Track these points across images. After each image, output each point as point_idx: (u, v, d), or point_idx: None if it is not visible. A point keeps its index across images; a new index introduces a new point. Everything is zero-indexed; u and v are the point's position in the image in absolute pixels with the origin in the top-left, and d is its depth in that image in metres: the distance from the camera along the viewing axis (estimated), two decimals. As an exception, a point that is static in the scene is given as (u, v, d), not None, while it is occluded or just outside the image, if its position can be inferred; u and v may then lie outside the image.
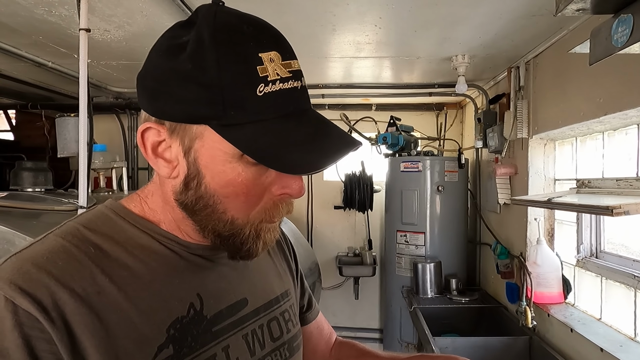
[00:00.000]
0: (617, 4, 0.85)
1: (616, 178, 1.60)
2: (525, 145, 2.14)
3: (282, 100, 0.50)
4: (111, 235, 0.55)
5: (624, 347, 1.47)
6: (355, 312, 3.60)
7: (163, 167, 0.55)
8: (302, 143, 0.50)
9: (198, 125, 0.51)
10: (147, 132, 0.54)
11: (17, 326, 0.44)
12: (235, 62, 0.49)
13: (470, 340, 2.05)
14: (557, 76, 1.86)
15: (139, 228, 0.57)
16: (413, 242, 2.81)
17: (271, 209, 0.56)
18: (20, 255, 0.51)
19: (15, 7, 1.61)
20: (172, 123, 0.52)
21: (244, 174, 0.52)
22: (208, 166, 0.52)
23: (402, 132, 2.91)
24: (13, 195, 1.87)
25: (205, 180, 0.53)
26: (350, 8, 1.63)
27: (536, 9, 1.58)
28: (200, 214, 0.54)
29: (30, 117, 3.58)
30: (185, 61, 0.49)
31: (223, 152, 0.51)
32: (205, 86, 0.49)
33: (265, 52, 0.50)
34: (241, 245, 0.56)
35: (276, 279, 0.73)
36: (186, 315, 0.55)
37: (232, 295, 0.62)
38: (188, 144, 0.52)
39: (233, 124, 0.49)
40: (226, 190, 0.53)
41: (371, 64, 2.40)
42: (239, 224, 0.55)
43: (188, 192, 0.54)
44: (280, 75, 0.50)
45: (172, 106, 0.51)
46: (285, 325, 0.69)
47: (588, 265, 1.84)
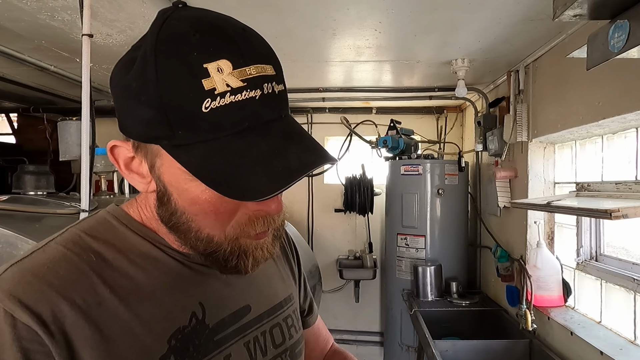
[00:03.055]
0: (613, 10, 0.86)
1: (615, 181, 1.61)
2: (525, 148, 2.15)
3: (233, 114, 0.45)
4: (113, 243, 0.54)
5: (624, 350, 1.47)
6: (356, 315, 3.60)
7: (138, 182, 0.54)
8: (253, 165, 0.46)
9: (153, 145, 0.49)
10: (115, 149, 0.53)
11: (16, 340, 0.44)
12: (176, 77, 0.45)
13: (470, 344, 2.05)
14: (556, 80, 1.86)
15: (140, 236, 0.56)
16: (413, 245, 2.81)
17: (246, 225, 0.53)
18: (20, 265, 0.49)
19: (19, 13, 1.63)
20: (134, 141, 0.51)
21: (208, 192, 0.48)
22: (172, 184, 0.51)
23: (402, 136, 2.92)
24: (15, 198, 1.88)
25: (173, 197, 0.51)
26: (350, 13, 1.64)
27: (535, 13, 1.59)
28: (178, 230, 0.53)
29: (32, 120, 3.60)
30: (132, 79, 0.47)
31: (182, 171, 0.48)
32: (150, 105, 0.46)
33: (212, 62, 0.45)
34: (224, 262, 0.54)
35: (280, 284, 0.72)
36: (188, 325, 0.54)
37: (235, 303, 0.61)
38: (151, 162, 0.51)
39: (183, 144, 0.46)
40: (194, 209, 0.51)
41: (371, 68, 2.42)
42: (216, 241, 0.52)
43: (163, 208, 0.53)
44: (231, 86, 0.45)
45: (130, 124, 0.50)
46: (287, 331, 0.68)
47: (588, 269, 1.85)
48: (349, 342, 3.60)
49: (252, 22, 0.57)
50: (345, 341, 3.60)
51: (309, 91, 2.90)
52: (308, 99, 3.12)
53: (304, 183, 3.61)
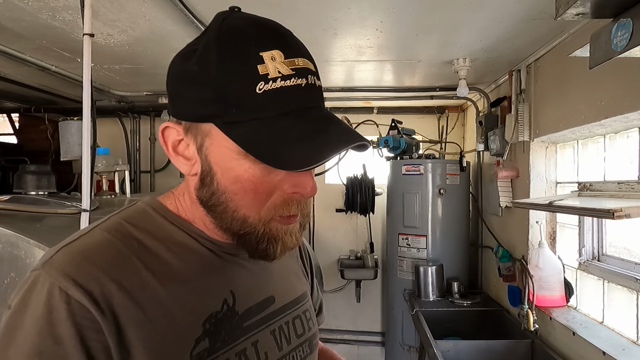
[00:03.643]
0: (616, 9, 0.85)
1: (618, 181, 1.60)
2: (526, 148, 2.15)
3: (282, 97, 0.51)
4: (151, 232, 0.58)
5: (626, 350, 1.46)
6: (357, 315, 3.60)
7: (183, 164, 0.58)
8: (297, 140, 0.51)
9: (206, 123, 0.53)
10: (166, 130, 0.58)
11: (71, 316, 0.47)
12: (235, 62, 0.51)
13: (472, 344, 2.04)
14: (558, 79, 1.86)
15: (176, 226, 0.60)
16: (415, 245, 2.81)
17: (281, 206, 0.56)
18: (70, 248, 0.53)
19: (20, 12, 1.63)
20: (186, 122, 0.56)
21: (251, 170, 0.53)
22: (218, 163, 0.54)
23: (403, 135, 2.91)
24: (16, 198, 1.88)
25: (217, 177, 0.55)
26: (351, 12, 1.64)
27: (537, 13, 1.59)
28: (216, 210, 0.56)
29: (33, 120, 3.60)
30: (193, 64, 0.53)
31: (229, 150, 0.53)
32: (208, 86, 0.51)
33: (267, 51, 0.51)
34: (257, 244, 0.57)
35: (297, 281, 0.76)
36: (220, 311, 0.58)
37: (261, 293, 0.65)
38: (200, 142, 0.55)
39: (235, 122, 0.51)
40: (235, 187, 0.54)
41: (373, 67, 2.41)
42: (251, 222, 0.56)
43: (204, 189, 0.56)
44: (281, 72, 0.51)
45: (184, 106, 0.55)
46: (307, 324, 0.72)
47: (590, 269, 1.84)
48: (350, 342, 3.59)
49: (253, 21, 0.57)
50: (346, 341, 3.60)
51: (310, 91, 2.89)
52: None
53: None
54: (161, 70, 2.49)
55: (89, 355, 0.47)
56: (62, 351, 0.46)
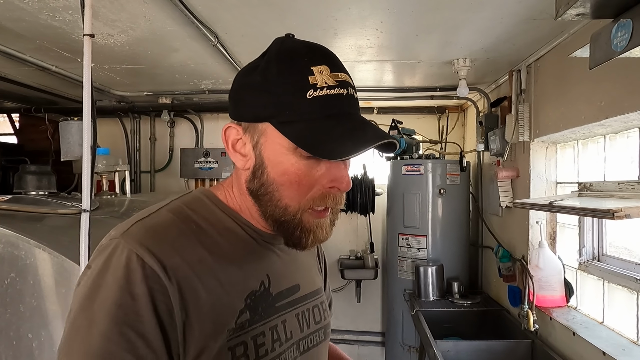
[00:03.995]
0: (616, 9, 0.85)
1: (618, 181, 1.60)
2: (527, 148, 2.15)
3: (327, 103, 0.62)
4: (206, 217, 0.68)
5: (626, 350, 1.47)
6: (357, 315, 3.60)
7: (239, 159, 0.68)
8: (339, 136, 0.60)
9: (263, 123, 0.64)
10: (228, 130, 0.68)
11: (145, 278, 0.57)
12: (291, 73, 0.62)
13: (472, 344, 2.04)
14: (558, 79, 1.86)
15: (225, 214, 0.70)
16: (415, 245, 2.81)
17: (319, 198, 0.64)
18: (144, 223, 0.63)
19: (20, 13, 1.63)
20: (245, 123, 0.66)
21: (297, 164, 0.63)
22: (270, 157, 0.64)
23: (403, 135, 2.91)
24: (17, 198, 1.88)
25: (267, 170, 0.64)
26: (352, 12, 1.64)
27: (537, 13, 1.59)
28: (263, 199, 0.66)
29: (34, 120, 3.61)
30: (256, 75, 0.64)
31: (281, 146, 0.63)
32: (268, 92, 0.62)
33: (316, 66, 0.62)
34: (293, 231, 0.66)
35: (316, 276, 0.86)
36: (258, 290, 0.67)
37: (290, 280, 0.74)
38: (256, 140, 0.65)
39: (288, 122, 0.62)
40: (282, 179, 0.63)
41: (373, 67, 2.41)
42: (290, 211, 0.64)
43: (255, 180, 0.66)
44: (327, 83, 0.62)
45: (246, 109, 0.66)
46: (323, 313, 0.81)
47: (590, 269, 1.84)
48: (351, 342, 3.59)
49: (253, 21, 0.58)
50: (346, 341, 3.60)
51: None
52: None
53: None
54: (161, 71, 2.49)
55: (156, 313, 0.56)
56: (136, 306, 0.55)
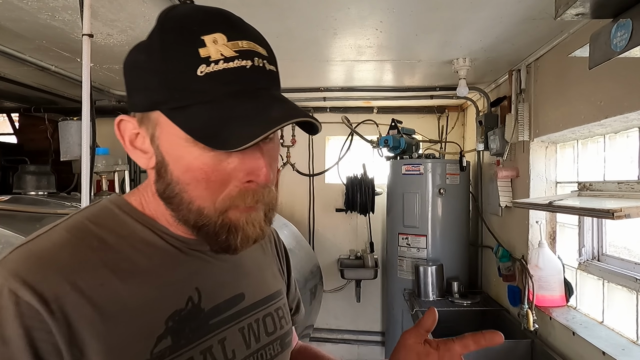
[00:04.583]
0: (616, 9, 0.85)
1: (617, 181, 1.60)
2: (526, 148, 2.14)
3: (225, 79, 0.50)
4: (115, 229, 0.57)
5: (626, 350, 1.46)
6: (357, 315, 3.60)
7: (140, 157, 0.57)
8: (241, 118, 0.50)
9: (154, 112, 0.53)
10: (121, 124, 0.57)
11: (19, 317, 0.47)
12: (177, 47, 0.51)
13: (472, 344, 2.04)
14: (558, 79, 1.86)
15: (141, 223, 0.59)
16: (415, 244, 2.81)
17: (237, 197, 0.54)
18: (26, 247, 0.53)
19: (20, 13, 1.63)
20: (139, 114, 0.55)
21: (201, 158, 0.52)
22: (169, 152, 0.54)
23: (403, 135, 2.91)
24: (16, 198, 1.88)
25: (170, 167, 0.54)
26: (351, 12, 1.63)
27: (536, 12, 1.59)
28: (173, 202, 0.55)
29: (33, 120, 3.60)
30: (140, 53, 0.54)
31: (177, 137, 0.52)
32: (153, 72, 0.52)
33: (208, 35, 0.51)
34: (215, 236, 0.55)
35: (271, 278, 0.75)
36: (184, 308, 0.57)
37: (230, 290, 0.64)
38: (151, 132, 0.55)
39: (179, 107, 0.51)
40: (187, 177, 0.53)
41: (372, 67, 2.41)
42: (207, 214, 0.54)
43: (160, 180, 0.56)
44: (224, 55, 0.50)
45: (135, 97, 0.55)
46: (279, 322, 0.70)
47: (590, 269, 1.84)
48: (350, 342, 3.59)
49: (253, 21, 0.57)
50: (346, 341, 3.60)
51: (310, 91, 2.90)
52: (309, 98, 3.12)
53: (305, 183, 3.61)
54: (161, 70, 2.48)
55: (37, 356, 0.47)
56: (9, 352, 0.46)
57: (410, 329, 0.73)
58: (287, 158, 3.56)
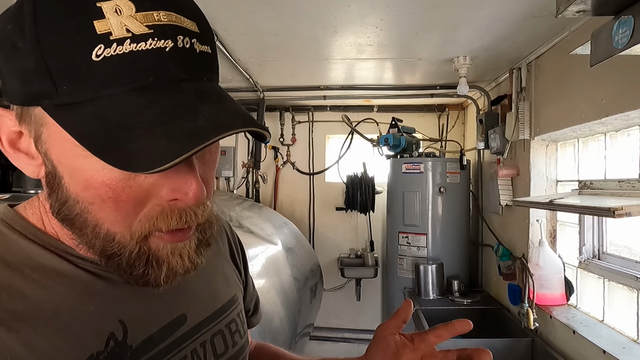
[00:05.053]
0: (617, 6, 0.85)
1: (618, 179, 1.60)
2: (527, 146, 2.14)
3: (133, 66, 0.36)
4: (2, 256, 0.42)
5: (626, 349, 1.46)
6: (357, 313, 3.60)
7: (25, 164, 0.43)
8: (153, 125, 0.36)
9: (35, 107, 0.39)
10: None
11: None
12: (58, 16, 0.36)
13: (472, 342, 2.04)
14: (558, 77, 1.85)
15: (39, 245, 0.44)
16: (415, 243, 2.81)
17: (158, 218, 0.41)
18: None
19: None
20: (17, 107, 0.41)
21: (107, 171, 0.38)
22: (62, 162, 0.40)
23: (403, 134, 2.91)
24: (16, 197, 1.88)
25: (64, 181, 0.40)
26: (351, 10, 1.63)
27: (537, 10, 1.58)
28: (73, 225, 0.42)
29: (33, 119, 3.59)
30: (8, 21, 0.38)
31: (72, 144, 0.37)
32: (26, 51, 0.36)
33: (108, 0, 0.36)
34: (130, 269, 0.42)
35: (222, 285, 0.63)
36: (103, 350, 0.43)
37: (166, 314, 0.51)
38: (35, 133, 0.41)
39: (68, 104, 0.37)
40: (88, 194, 0.39)
41: (372, 65, 2.41)
42: (118, 240, 0.41)
43: (53, 196, 0.42)
44: (132, 31, 0.36)
45: (7, 83, 0.40)
46: (231, 338, 0.59)
47: (590, 267, 1.84)
48: (350, 341, 3.59)
49: (253, 19, 0.56)
50: (346, 339, 3.60)
51: (310, 89, 2.90)
52: (309, 97, 3.12)
53: (305, 182, 3.61)
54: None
55: None
56: None
57: (387, 321, 0.68)
58: (287, 157, 3.56)
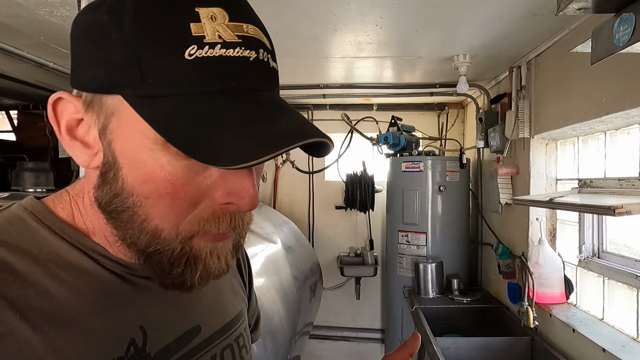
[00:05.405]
0: (618, 3, 0.84)
1: (618, 178, 1.59)
2: (527, 145, 2.14)
3: (221, 70, 0.38)
4: (28, 250, 0.41)
5: (626, 347, 1.46)
6: (357, 312, 3.60)
7: (80, 153, 0.43)
8: (237, 125, 0.37)
9: (112, 96, 0.40)
10: (59, 104, 0.43)
11: None
12: (158, 14, 0.38)
13: (472, 341, 2.04)
14: (558, 76, 1.85)
15: (67, 241, 0.43)
16: (414, 242, 2.80)
17: (208, 220, 0.42)
18: None
19: (17, 9, 1.62)
20: (87, 94, 0.42)
21: (170, 167, 0.39)
22: (125, 153, 0.40)
23: (403, 132, 2.90)
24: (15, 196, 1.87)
25: (122, 173, 0.41)
26: (351, 8, 1.62)
27: (537, 8, 1.58)
28: (119, 218, 0.42)
29: (32, 117, 3.59)
30: (102, 13, 0.39)
31: (143, 135, 0.39)
32: (119, 43, 0.38)
33: (204, 7, 0.38)
34: (170, 267, 0.43)
35: (231, 298, 0.62)
36: (124, 356, 0.43)
37: (182, 324, 0.51)
38: (103, 122, 0.41)
39: (151, 96, 0.38)
40: (146, 188, 0.40)
41: (372, 64, 2.40)
42: (164, 237, 0.42)
43: (105, 187, 0.42)
44: (223, 38, 0.38)
45: (86, 71, 0.41)
46: (239, 353, 0.58)
47: (590, 266, 1.84)
48: (350, 339, 3.60)
49: (251, 14, 0.56)
50: (346, 338, 3.60)
51: (310, 87, 2.89)
52: (309, 95, 3.11)
53: (305, 180, 3.60)
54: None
55: None
56: None
57: (393, 352, 0.63)
58: (286, 155, 3.55)
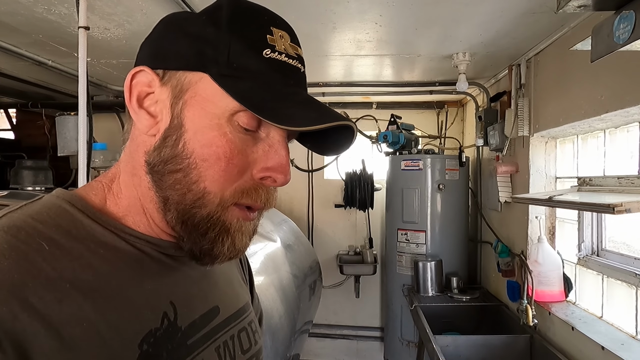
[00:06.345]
0: (618, 1, 0.84)
1: (617, 176, 1.59)
2: (526, 143, 2.14)
3: (285, 70, 0.49)
4: (68, 229, 0.46)
5: (625, 345, 1.46)
6: (356, 310, 3.60)
7: (144, 119, 0.49)
8: (299, 103, 0.48)
9: (195, 72, 0.47)
10: (140, 75, 0.49)
11: None
12: (247, 24, 0.48)
13: (471, 339, 2.04)
14: (558, 74, 1.85)
15: (100, 224, 0.48)
16: (414, 240, 2.81)
17: (247, 192, 0.49)
18: None
19: (15, 6, 1.61)
20: (166, 72, 0.49)
21: (231, 136, 0.47)
22: (194, 120, 0.47)
23: (402, 131, 2.90)
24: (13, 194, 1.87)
25: (185, 136, 0.47)
26: (350, 6, 1.62)
27: (537, 6, 1.57)
28: (169, 178, 0.47)
29: (30, 116, 3.58)
30: (200, 15, 0.50)
31: (215, 106, 0.46)
32: (212, 38, 0.47)
33: (277, 28, 0.50)
34: (206, 230, 0.48)
35: (239, 288, 0.67)
36: (160, 327, 0.47)
37: (205, 303, 0.55)
38: (178, 93, 0.48)
39: (232, 76, 0.46)
40: (207, 151, 0.46)
41: (372, 62, 2.40)
42: (209, 200, 0.47)
43: (163, 149, 0.48)
44: (287, 51, 0.50)
45: (174, 54, 0.48)
46: (253, 337, 0.63)
47: (589, 264, 1.84)
48: (350, 338, 3.60)
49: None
50: (345, 336, 3.60)
51: (309, 86, 2.84)
52: (308, 93, 3.11)
53: (304, 179, 3.60)
54: (159, 65, 2.47)
55: None
56: None
57: None
58: (286, 154, 3.55)
